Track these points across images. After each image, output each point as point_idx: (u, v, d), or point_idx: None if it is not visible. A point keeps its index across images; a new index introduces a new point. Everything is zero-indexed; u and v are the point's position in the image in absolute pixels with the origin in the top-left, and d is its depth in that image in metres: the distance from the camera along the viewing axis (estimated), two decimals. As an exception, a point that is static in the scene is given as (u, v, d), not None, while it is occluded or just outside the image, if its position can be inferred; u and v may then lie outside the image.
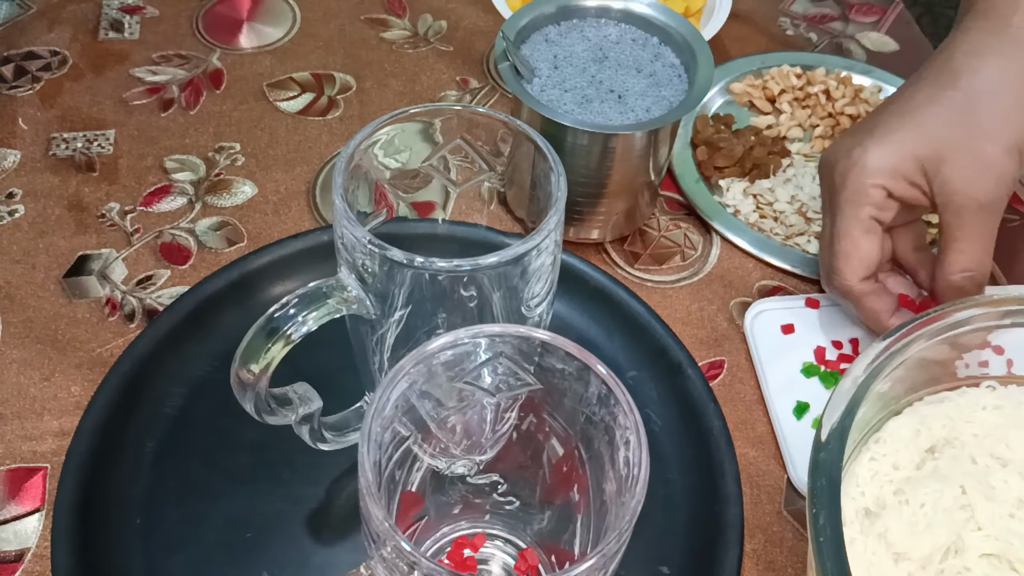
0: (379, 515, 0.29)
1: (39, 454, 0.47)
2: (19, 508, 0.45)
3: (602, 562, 0.29)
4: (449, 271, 0.34)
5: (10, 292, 0.53)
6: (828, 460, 0.35)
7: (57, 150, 0.61)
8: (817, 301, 0.55)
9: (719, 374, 0.53)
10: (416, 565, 0.29)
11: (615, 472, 0.34)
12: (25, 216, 0.57)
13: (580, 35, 0.55)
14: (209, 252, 0.56)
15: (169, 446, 0.47)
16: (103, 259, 0.55)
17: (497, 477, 0.42)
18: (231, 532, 0.44)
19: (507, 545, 0.43)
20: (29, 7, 0.71)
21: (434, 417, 0.38)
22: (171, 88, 0.66)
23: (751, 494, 0.48)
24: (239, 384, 0.36)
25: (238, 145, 0.62)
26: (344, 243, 0.36)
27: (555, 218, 0.36)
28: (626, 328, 0.52)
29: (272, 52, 0.69)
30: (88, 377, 0.49)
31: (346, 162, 0.37)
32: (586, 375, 0.34)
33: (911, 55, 0.75)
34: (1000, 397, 0.43)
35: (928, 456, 0.41)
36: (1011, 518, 0.38)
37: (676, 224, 0.61)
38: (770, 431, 0.50)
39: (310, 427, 0.40)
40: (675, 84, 0.53)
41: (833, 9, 0.79)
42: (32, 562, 0.43)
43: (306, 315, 0.35)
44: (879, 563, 0.38)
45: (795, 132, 0.66)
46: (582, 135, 0.50)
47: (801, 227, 0.60)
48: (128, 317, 0.52)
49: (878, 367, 0.38)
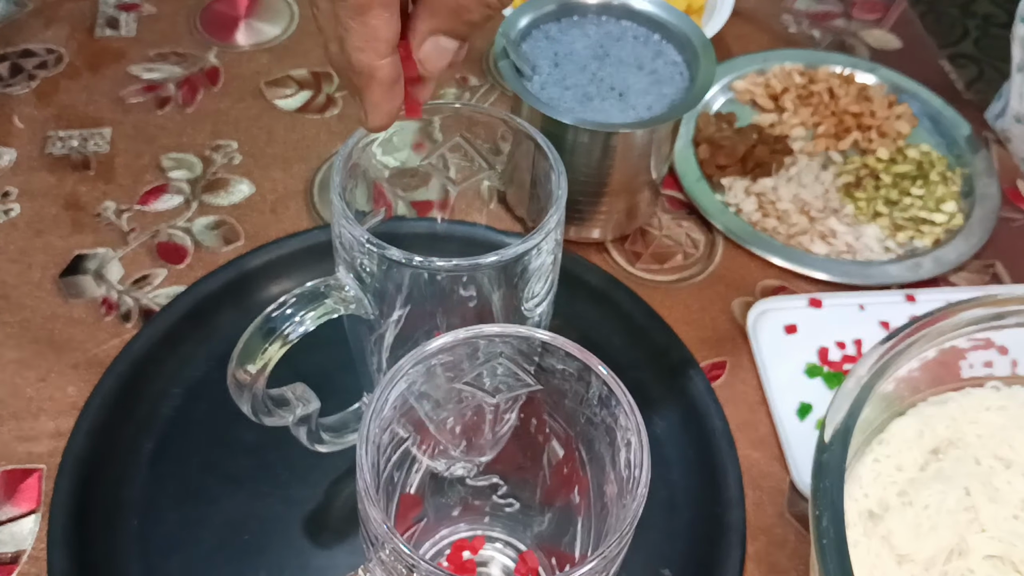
0: (378, 517, 0.29)
1: (35, 455, 0.46)
2: (15, 510, 0.45)
3: (603, 565, 0.29)
4: (448, 270, 0.34)
5: (6, 292, 0.53)
6: (831, 461, 0.35)
7: (53, 149, 0.61)
8: (820, 301, 0.55)
9: (721, 375, 0.52)
10: (415, 568, 0.28)
11: (616, 474, 0.34)
12: (21, 215, 0.57)
13: (581, 32, 0.54)
14: (206, 251, 0.56)
15: (166, 447, 0.46)
16: (99, 258, 0.55)
17: (497, 479, 0.42)
18: (229, 534, 0.44)
19: (507, 548, 0.43)
20: (25, 5, 0.70)
21: (433, 418, 0.37)
22: (168, 86, 0.65)
23: (753, 496, 0.48)
24: (236, 385, 0.35)
25: (235, 143, 0.62)
26: (342, 242, 0.36)
27: (555, 217, 0.35)
28: (627, 328, 0.52)
29: (270, 50, 0.69)
30: (84, 377, 0.49)
31: (344, 160, 0.36)
32: (587, 376, 0.33)
33: (914, 53, 0.74)
34: (1004, 398, 0.42)
35: (932, 457, 0.41)
36: (1015, 519, 0.38)
37: (678, 223, 0.60)
38: (772, 432, 0.50)
39: (308, 428, 0.40)
40: (677, 82, 0.52)
41: (836, 7, 0.78)
42: (28, 564, 0.43)
43: (304, 315, 0.35)
44: (882, 565, 0.37)
45: (798, 130, 0.66)
46: (583, 133, 0.50)
47: (804, 226, 0.60)
48: (124, 317, 0.52)
49: (882, 368, 0.38)
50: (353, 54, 0.31)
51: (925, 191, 0.62)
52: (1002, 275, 0.59)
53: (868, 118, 0.66)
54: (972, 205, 0.62)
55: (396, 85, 0.32)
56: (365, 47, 0.31)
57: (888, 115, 0.67)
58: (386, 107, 0.33)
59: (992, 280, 0.59)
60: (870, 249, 0.59)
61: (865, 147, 0.65)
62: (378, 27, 0.30)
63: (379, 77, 0.32)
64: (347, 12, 0.30)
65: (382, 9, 0.30)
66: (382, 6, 0.30)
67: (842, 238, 0.59)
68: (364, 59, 0.31)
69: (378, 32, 0.31)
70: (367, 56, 0.31)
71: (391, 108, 0.33)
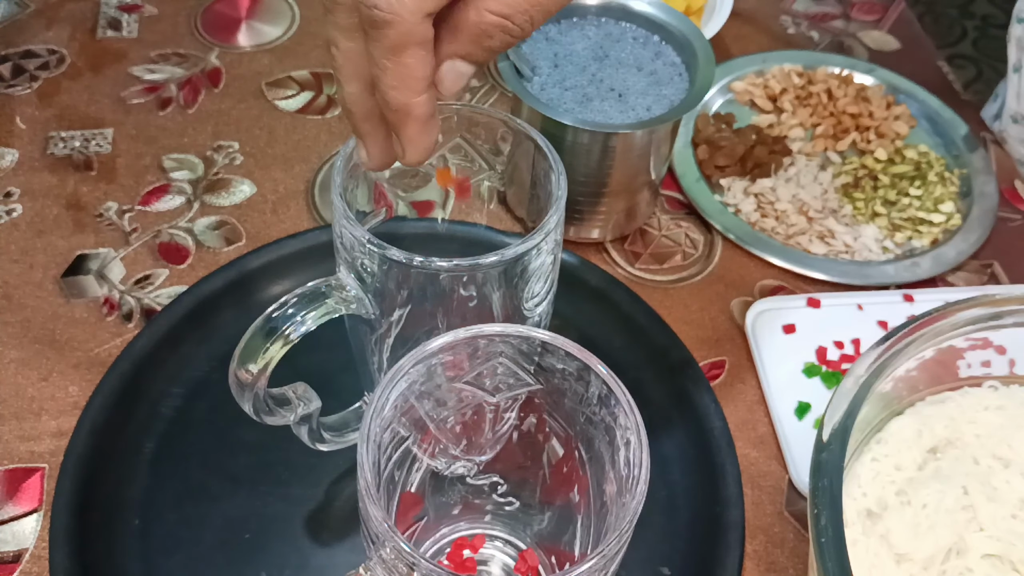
0: (378, 516, 0.29)
1: (37, 454, 0.46)
2: (17, 509, 0.45)
3: (602, 563, 0.29)
4: (448, 271, 0.34)
5: (8, 292, 0.53)
6: (830, 461, 0.35)
7: (55, 149, 0.61)
8: (819, 301, 0.55)
9: (720, 374, 0.53)
10: (415, 566, 0.29)
11: (615, 473, 0.34)
12: (23, 215, 0.57)
13: (581, 33, 0.55)
14: (207, 251, 0.56)
15: (167, 447, 0.47)
16: (101, 259, 0.55)
17: (497, 478, 0.42)
18: (229, 533, 0.44)
19: (507, 546, 0.43)
20: (27, 5, 0.70)
21: (433, 417, 0.37)
22: (169, 87, 0.65)
23: (752, 495, 0.48)
24: (237, 384, 0.36)
25: (236, 144, 0.62)
26: (343, 242, 0.36)
27: (555, 217, 0.36)
28: (626, 328, 0.52)
29: (271, 51, 0.69)
30: (86, 377, 0.49)
31: (345, 161, 0.36)
32: (586, 375, 0.34)
33: (913, 54, 0.75)
34: (1003, 397, 0.43)
35: (930, 456, 0.41)
36: (1013, 519, 0.38)
37: (677, 223, 0.60)
38: (771, 431, 0.50)
39: (309, 427, 0.40)
40: (676, 83, 0.53)
41: (834, 8, 0.79)
42: (30, 563, 0.43)
43: (305, 315, 0.35)
44: (881, 564, 0.38)
45: (796, 131, 0.66)
46: (582, 134, 0.50)
47: (803, 226, 0.60)
48: (126, 317, 0.52)
49: (880, 367, 0.38)
50: (389, 92, 0.31)
51: (923, 191, 0.63)
52: (1000, 275, 0.60)
53: (866, 119, 0.66)
54: (970, 205, 0.62)
55: (432, 119, 0.33)
56: (401, 85, 0.31)
57: (886, 116, 0.67)
58: (424, 142, 0.33)
59: (990, 280, 0.59)
60: (868, 249, 0.59)
61: (863, 148, 0.66)
62: (414, 66, 0.30)
63: (416, 114, 0.32)
64: (382, 52, 0.30)
65: (418, 48, 0.30)
66: (418, 44, 0.30)
67: (840, 238, 0.59)
68: (400, 97, 0.31)
69: (415, 70, 0.31)
70: (403, 94, 0.31)
71: (429, 142, 0.33)
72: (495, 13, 0.30)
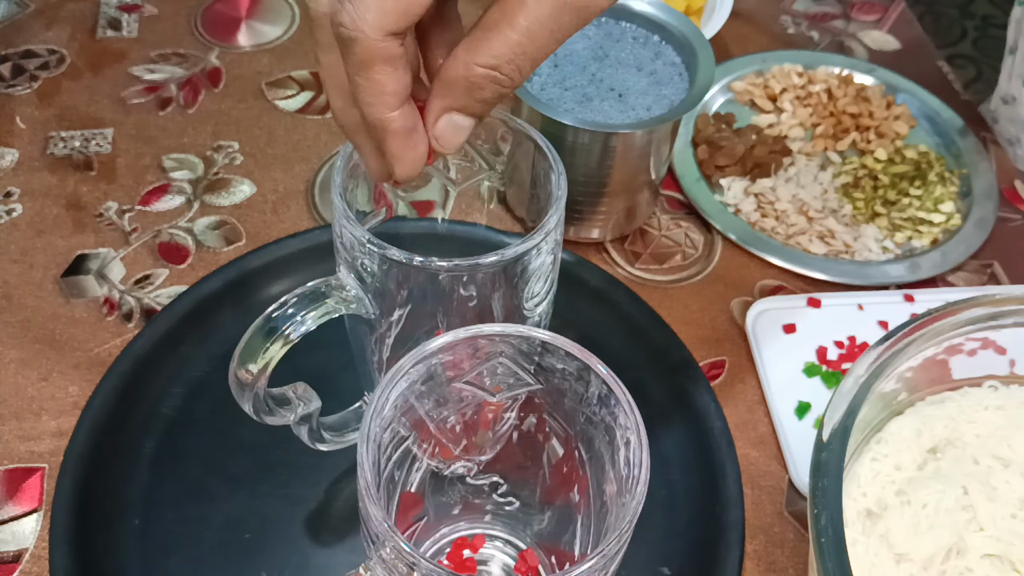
0: (378, 516, 0.29)
1: (37, 454, 0.46)
2: (17, 508, 0.45)
3: (602, 563, 0.29)
4: (448, 270, 0.34)
5: (8, 292, 0.53)
6: (830, 460, 0.35)
7: (55, 149, 0.61)
8: (819, 301, 0.55)
9: (720, 374, 0.53)
10: (415, 566, 0.29)
11: (615, 472, 0.34)
12: (23, 215, 0.57)
13: (581, 33, 0.55)
14: (207, 251, 0.56)
15: (167, 447, 0.47)
16: (101, 258, 0.55)
17: (497, 478, 0.42)
18: (229, 533, 0.44)
19: (507, 546, 0.43)
20: (27, 5, 0.70)
21: (433, 417, 0.37)
22: (169, 87, 0.65)
23: (752, 495, 0.48)
24: (237, 384, 0.36)
25: (236, 144, 0.62)
26: (343, 242, 0.36)
27: (555, 217, 0.36)
28: (626, 328, 0.52)
29: (271, 50, 0.69)
30: (86, 377, 0.49)
31: (345, 160, 0.36)
32: (586, 375, 0.34)
33: (913, 54, 0.75)
34: (1002, 397, 0.43)
35: (930, 456, 0.41)
36: (1013, 519, 0.38)
37: (677, 223, 0.60)
38: (771, 431, 0.50)
39: (309, 427, 0.40)
40: (676, 83, 0.53)
41: (834, 8, 0.79)
42: (30, 563, 0.43)
43: (305, 315, 0.35)
44: (881, 564, 0.38)
45: (796, 131, 0.66)
46: (582, 134, 0.50)
47: (803, 226, 0.60)
48: (126, 317, 0.52)
49: (880, 367, 0.38)
50: (365, 108, 0.32)
51: (923, 191, 0.63)
52: (1000, 275, 0.60)
53: (866, 119, 0.66)
54: (970, 205, 0.62)
55: (413, 134, 0.32)
56: (375, 101, 0.31)
57: (886, 116, 0.67)
58: (408, 156, 0.33)
59: (990, 280, 0.59)
60: (868, 249, 0.59)
61: (863, 147, 0.66)
62: (383, 81, 0.31)
63: (392, 129, 0.32)
64: (353, 68, 0.31)
65: (384, 64, 0.30)
66: (384, 61, 0.30)
67: (840, 238, 0.59)
68: (375, 112, 0.32)
69: (385, 86, 0.31)
70: (377, 110, 0.31)
71: (414, 156, 0.33)
72: (482, 66, 0.30)
